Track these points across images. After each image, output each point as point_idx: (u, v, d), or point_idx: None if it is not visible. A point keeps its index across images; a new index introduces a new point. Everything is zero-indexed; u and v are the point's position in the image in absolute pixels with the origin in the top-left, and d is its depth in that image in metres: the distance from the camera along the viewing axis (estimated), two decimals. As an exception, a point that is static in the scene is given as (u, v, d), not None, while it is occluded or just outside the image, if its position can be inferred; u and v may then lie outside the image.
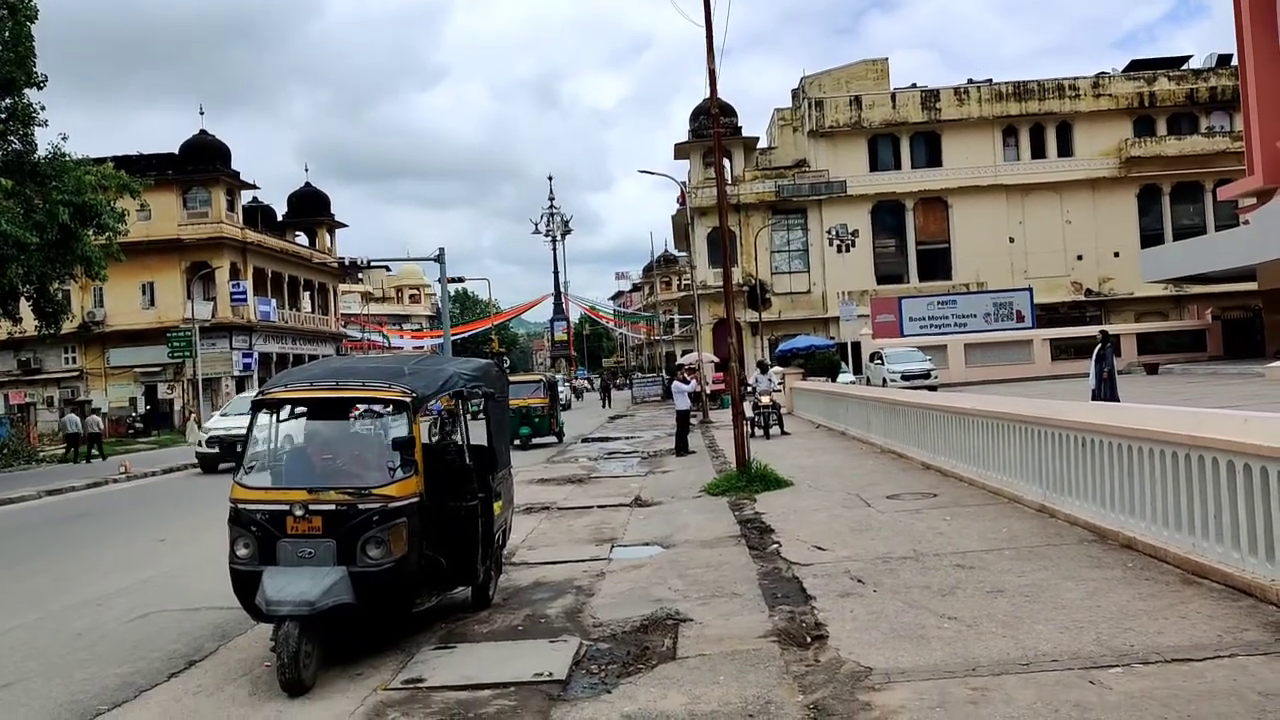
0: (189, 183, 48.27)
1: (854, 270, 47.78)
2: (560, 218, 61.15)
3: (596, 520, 11.39)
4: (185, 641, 6.90)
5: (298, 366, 8.09)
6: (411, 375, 6.62)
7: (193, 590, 8.35)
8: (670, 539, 9.75)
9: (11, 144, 28.05)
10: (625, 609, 7.00)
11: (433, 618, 6.89)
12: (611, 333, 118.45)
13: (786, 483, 12.57)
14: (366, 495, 5.89)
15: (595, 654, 6.05)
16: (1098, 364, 17.64)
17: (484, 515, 6.91)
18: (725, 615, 6.62)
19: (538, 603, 7.46)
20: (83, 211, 29.09)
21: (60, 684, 6.13)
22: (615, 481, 15.56)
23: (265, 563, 5.78)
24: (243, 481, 6.08)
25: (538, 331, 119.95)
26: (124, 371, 47.62)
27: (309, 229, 62.52)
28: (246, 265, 50.12)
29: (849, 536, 8.85)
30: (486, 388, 7.60)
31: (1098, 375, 17.47)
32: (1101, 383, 17.25)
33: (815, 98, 49.75)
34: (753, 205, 48.52)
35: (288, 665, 5.45)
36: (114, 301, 46.41)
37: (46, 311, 30.88)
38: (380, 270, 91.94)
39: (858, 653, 5.43)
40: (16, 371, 46.61)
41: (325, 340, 60.53)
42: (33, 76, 27.36)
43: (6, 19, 26.32)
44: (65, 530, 14.27)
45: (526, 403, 22.34)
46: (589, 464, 18.57)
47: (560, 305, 63.74)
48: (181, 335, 43.26)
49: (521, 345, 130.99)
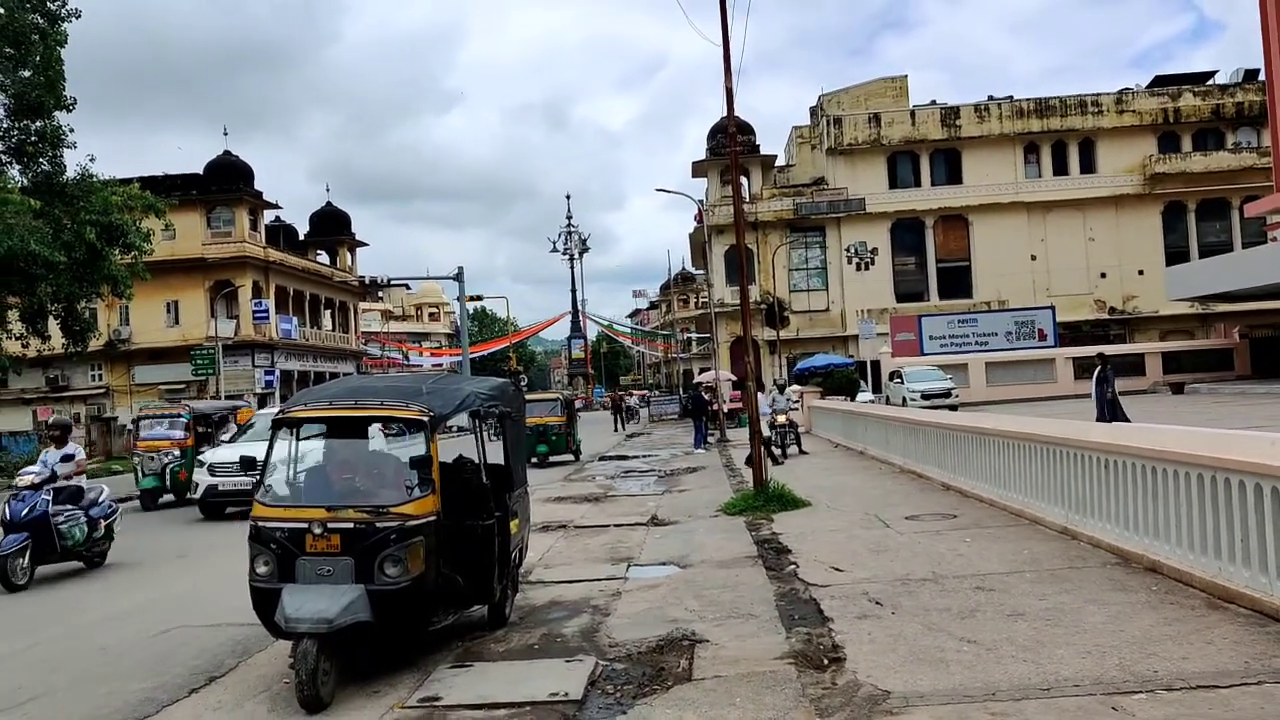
0: (213, 203, 48.86)
1: (873, 288, 47.71)
2: (578, 236, 61.45)
3: (613, 539, 11.36)
4: (206, 658, 6.94)
5: (317, 385, 8.15)
6: (429, 394, 6.65)
7: (213, 606, 8.40)
8: (687, 559, 9.71)
9: (41, 165, 28.51)
10: (641, 629, 6.97)
11: (449, 636, 6.89)
12: (628, 351, 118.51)
13: (804, 503, 12.50)
14: (384, 514, 5.92)
15: (611, 674, 6.02)
16: (1099, 387, 17.55)
17: (501, 534, 6.92)
18: (742, 636, 6.58)
19: (554, 622, 7.45)
20: (109, 231, 29.53)
21: (84, 698, 6.17)
22: (632, 500, 15.53)
23: (284, 580, 5.81)
24: (263, 499, 6.12)
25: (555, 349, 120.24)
26: (149, 389, 48.04)
27: (330, 248, 63.07)
28: (269, 284, 50.59)
29: (867, 558, 8.79)
30: (503, 406, 7.62)
31: (1100, 398, 17.36)
32: (1105, 404, 17.11)
33: (834, 115, 49.82)
34: (770, 223, 48.57)
35: (306, 682, 5.47)
36: (139, 320, 46.93)
37: (74, 330, 31.32)
38: (400, 289, 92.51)
39: (876, 676, 5.38)
40: (45, 389, 47.16)
41: (346, 358, 60.93)
42: (62, 100, 27.84)
43: (38, 44, 26.82)
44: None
45: (544, 421, 22.39)
46: (606, 482, 18.56)
47: (578, 323, 63.86)
48: (205, 353, 43.69)
49: (539, 363, 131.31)
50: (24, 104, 27.43)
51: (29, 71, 27.08)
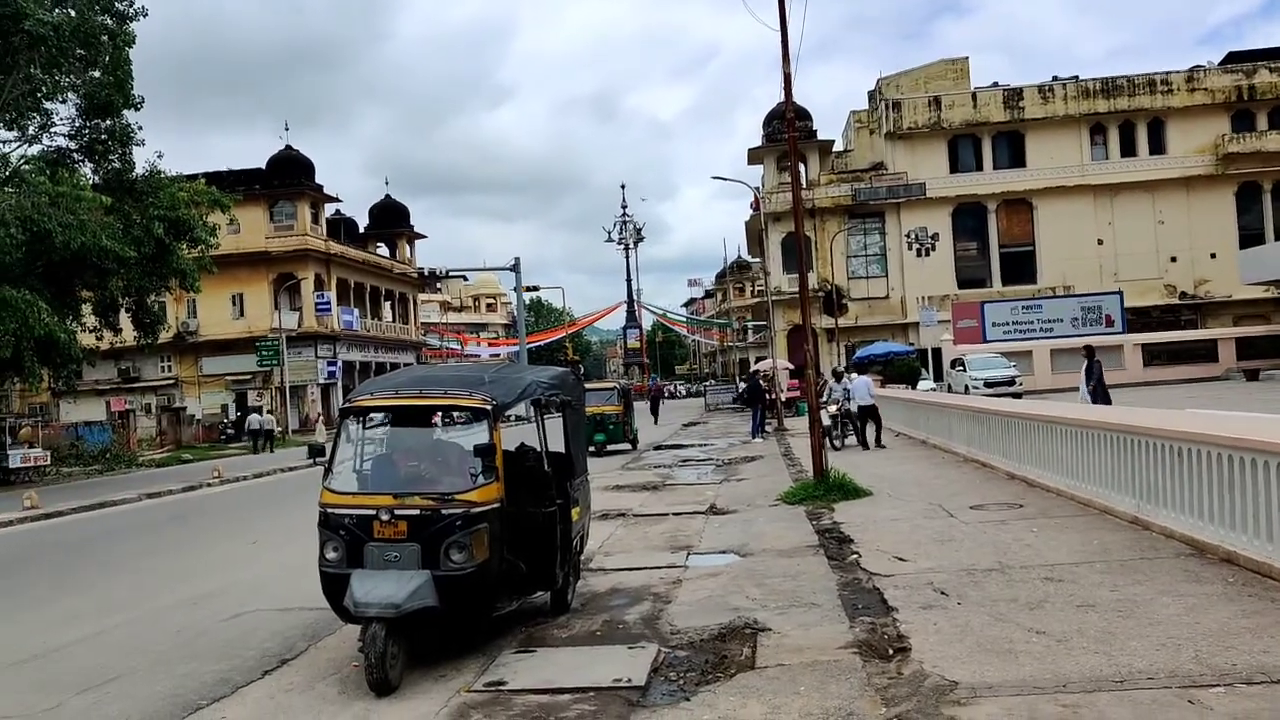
0: (275, 197, 49.85)
1: (934, 274, 46.97)
2: (632, 225, 61.38)
3: (672, 527, 11.38)
4: (278, 640, 7.12)
5: (382, 375, 8.29)
6: (491, 383, 6.72)
7: (283, 591, 8.60)
8: (747, 547, 9.69)
9: (111, 163, 29.34)
10: (703, 617, 6.98)
11: (513, 622, 6.97)
12: (684, 340, 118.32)
13: (865, 492, 12.39)
14: (449, 501, 6.00)
15: (674, 661, 6.04)
16: (1086, 377, 17.15)
17: (562, 521, 6.98)
18: (804, 625, 6.55)
19: (615, 609, 7.49)
20: (177, 226, 30.35)
21: (163, 678, 6.38)
22: (690, 489, 15.53)
23: (353, 565, 5.93)
24: (331, 486, 6.24)
25: (610, 339, 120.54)
26: (216, 379, 49.35)
27: (389, 240, 63.96)
28: (330, 276, 51.51)
29: (931, 547, 8.68)
30: (564, 395, 7.68)
31: (1088, 389, 16.93)
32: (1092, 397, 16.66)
33: (892, 99, 49.06)
34: (828, 209, 48.05)
35: (375, 665, 5.58)
36: (206, 312, 48.13)
37: (144, 322, 32.29)
38: (458, 280, 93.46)
39: (942, 666, 5.32)
40: (117, 380, 48.65)
41: (406, 349, 61.81)
42: (130, 99, 28.59)
43: (106, 45, 27.56)
44: (163, 532, 14.85)
45: (601, 410, 22.46)
46: (663, 471, 18.57)
47: (633, 312, 63.87)
48: (269, 344, 44.70)
49: (595, 353, 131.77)
50: (94, 103, 28.25)
51: (99, 72, 27.87)
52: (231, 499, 19.60)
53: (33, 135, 28.67)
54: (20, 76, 26.43)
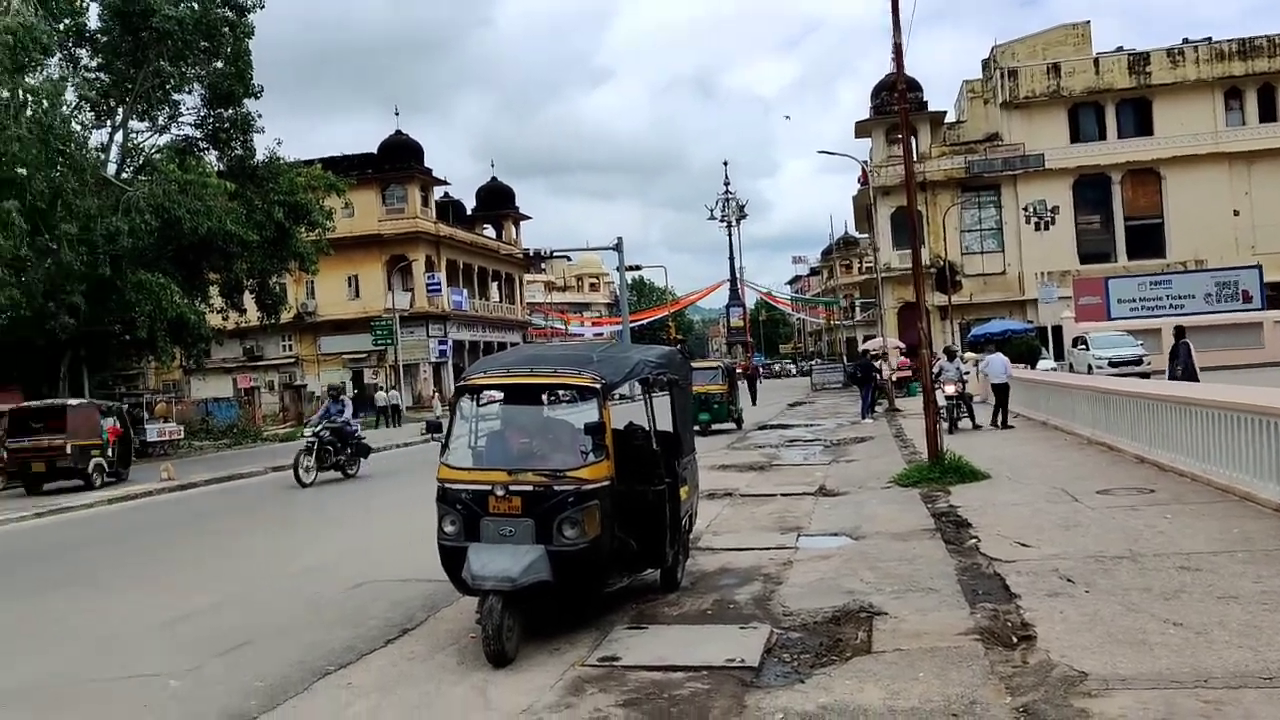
0: (387, 181, 51.27)
1: (1054, 249, 45.06)
2: (735, 203, 60.69)
3: (780, 508, 11.27)
4: (399, 611, 7.33)
5: (493, 354, 8.43)
6: (600, 362, 6.76)
7: (402, 562, 8.85)
8: (859, 530, 9.51)
9: (234, 150, 30.68)
10: (815, 599, 6.89)
11: (624, 598, 7.01)
12: (788, 318, 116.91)
13: (983, 475, 12.00)
14: (561, 477, 6.06)
15: (787, 643, 5.99)
16: (1172, 359, 16.06)
17: (671, 500, 6.98)
18: (922, 610, 6.40)
19: (725, 588, 7.46)
20: (296, 210, 31.58)
21: (293, 644, 6.65)
22: (797, 469, 15.35)
23: (470, 539, 6.05)
24: (448, 462, 6.37)
25: (713, 318, 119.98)
26: (334, 358, 51.22)
27: (495, 222, 65.08)
28: (440, 257, 52.74)
29: (1055, 533, 8.35)
30: (671, 374, 7.66)
31: (1171, 374, 15.85)
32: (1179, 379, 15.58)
33: (1008, 67, 47.12)
34: (940, 183, 46.54)
35: (492, 638, 5.69)
36: (324, 293, 49.94)
37: (267, 303, 33.77)
38: (561, 260, 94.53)
39: (1070, 656, 5.11)
40: (243, 358, 51.02)
41: (513, 328, 62.93)
42: (250, 88, 29.78)
43: (228, 36, 28.73)
44: (288, 503, 15.51)
45: (706, 389, 22.36)
46: (769, 451, 18.40)
47: (736, 291, 63.29)
48: (383, 324, 46.14)
49: (697, 332, 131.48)
50: (217, 93, 29.53)
51: (221, 63, 29.11)
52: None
53: (162, 125, 30.22)
54: (150, 70, 27.81)
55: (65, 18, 27.65)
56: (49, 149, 23.57)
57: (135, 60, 27.68)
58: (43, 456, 18.94)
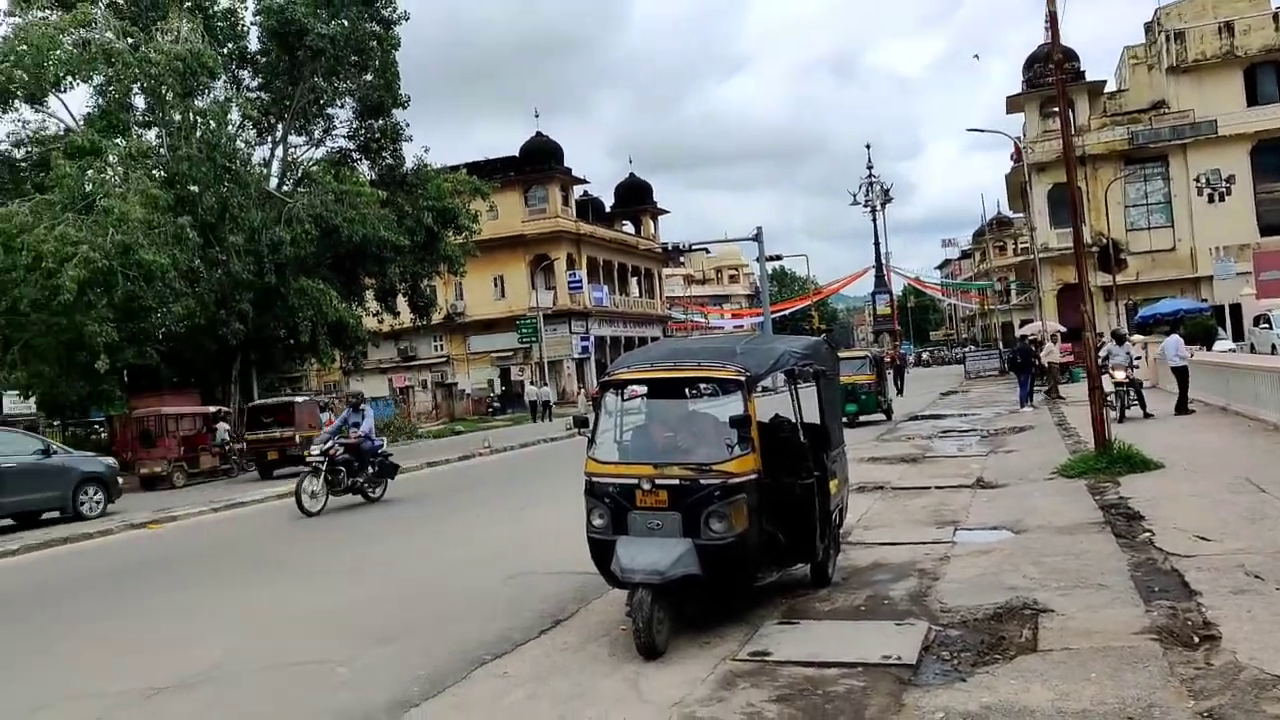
0: (529, 182, 52.53)
1: (1230, 222, 41.80)
2: (879, 186, 59.08)
3: (935, 501, 10.89)
4: (550, 602, 7.47)
5: (636, 349, 8.47)
6: (744, 354, 6.69)
7: (551, 555, 9.02)
8: (1020, 523, 9.09)
9: (384, 159, 32.07)
10: (975, 595, 6.63)
11: (773, 593, 6.92)
12: (938, 304, 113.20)
13: (1155, 464, 11.26)
14: (707, 471, 6.03)
15: (945, 640, 5.78)
16: None
17: (820, 493, 6.85)
18: (1091, 607, 6.06)
19: (878, 584, 7.27)
20: (443, 215, 32.78)
21: (450, 634, 6.86)
22: (952, 461, 14.79)
23: (618, 532, 6.10)
24: (595, 456, 6.44)
25: (858, 306, 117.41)
26: (482, 356, 52.91)
27: (634, 218, 65.65)
28: (581, 255, 53.67)
29: (1240, 526, 7.75)
30: (817, 365, 7.50)
31: None
32: None
33: (1174, 29, 43.97)
34: (1101, 156, 43.89)
35: (642, 630, 5.72)
36: (471, 294, 51.62)
37: (419, 305, 35.22)
38: (700, 253, 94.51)
39: (1260, 658, 4.73)
40: (397, 359, 53.30)
41: (653, 323, 63.38)
42: (399, 98, 31.05)
43: (376, 50, 30.03)
44: (443, 498, 16.08)
45: (852, 379, 21.85)
46: (922, 443, 17.81)
47: (882, 277, 61.62)
48: (528, 322, 47.36)
49: (841, 320, 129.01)
50: (367, 105, 30.93)
51: (370, 75, 30.46)
52: (501, 467, 20.94)
53: (318, 139, 31.88)
54: (305, 87, 29.39)
55: (229, 42, 29.57)
56: (216, 167, 25.27)
57: (292, 78, 29.32)
58: (275, 445, 22.48)
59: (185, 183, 24.99)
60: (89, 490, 16.51)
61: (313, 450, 14.60)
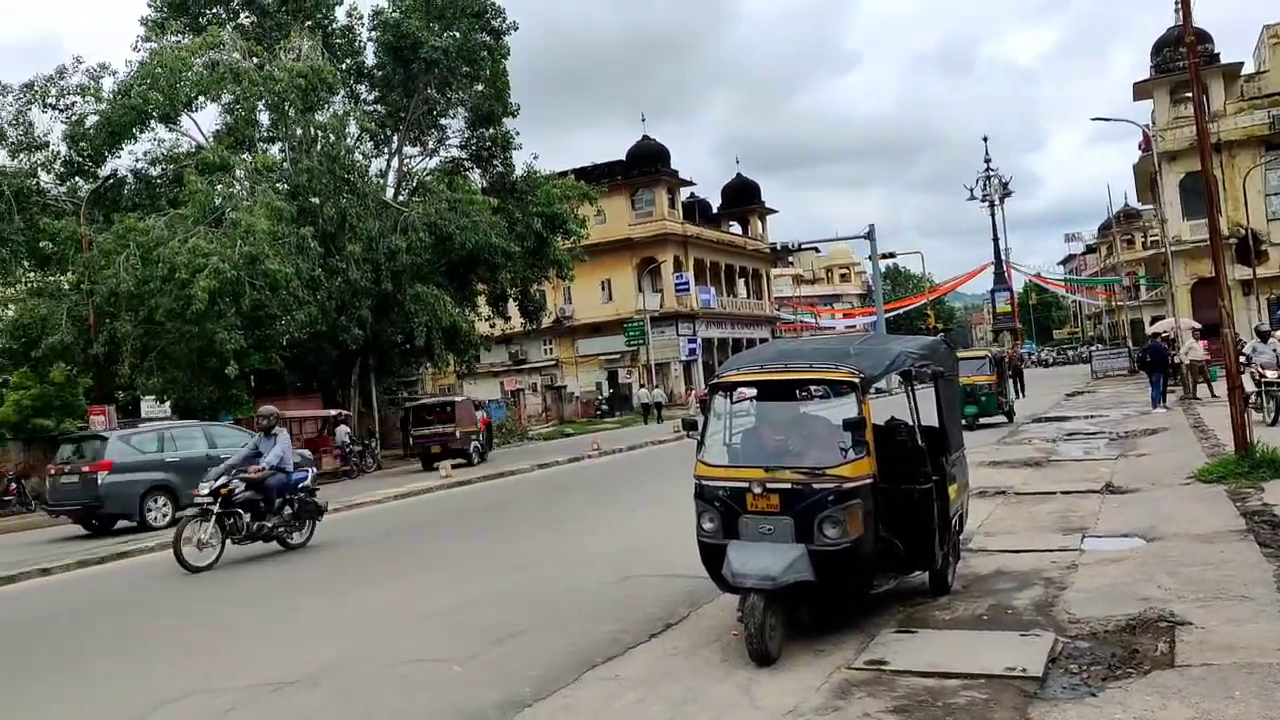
0: (635, 186, 52.88)
1: (1383, 209, 38.92)
2: (998, 180, 57.18)
3: (1061, 507, 10.42)
4: (661, 605, 7.44)
5: (746, 351, 8.37)
6: (858, 355, 6.53)
7: (662, 557, 9.00)
8: (1154, 531, 8.61)
9: (495, 167, 32.80)
10: (1105, 606, 6.31)
11: (890, 601, 6.74)
12: (1062, 301, 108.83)
13: (1304, 468, 10.52)
14: (820, 475, 5.90)
15: (1074, 652, 5.52)
16: None
17: (939, 498, 6.64)
18: (1234, 621, 5.69)
19: (1001, 592, 6.99)
20: (552, 221, 33.30)
21: (561, 634, 6.91)
22: (1079, 465, 14.15)
23: (729, 536, 6.02)
24: (704, 459, 6.38)
25: (976, 304, 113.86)
26: (590, 359, 53.49)
27: (741, 218, 65.33)
28: (687, 257, 53.68)
29: (1405, 535, 7.15)
30: (936, 366, 7.26)
31: None
32: None
33: (1318, 5, 41.18)
34: (1238, 142, 41.39)
35: (755, 636, 5.64)
36: (579, 298, 52.26)
37: (529, 310, 35.87)
38: (809, 252, 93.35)
39: None
40: (508, 362, 54.37)
41: (761, 324, 62.90)
42: (509, 107, 31.70)
43: (486, 60, 30.72)
44: (553, 499, 16.29)
45: (972, 380, 21.18)
46: (1045, 446, 17.10)
47: (1001, 274, 59.59)
48: (635, 325, 47.66)
49: (959, 319, 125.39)
50: (479, 115, 31.69)
51: (481, 85, 31.20)
52: (610, 469, 21.09)
53: (431, 149, 32.85)
54: (420, 99, 30.30)
55: (346, 58, 30.76)
56: (336, 178, 26.28)
57: (406, 90, 30.27)
58: (439, 440, 25.31)
59: (307, 195, 26.07)
60: None
61: (200, 489, 11.57)
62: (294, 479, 12.23)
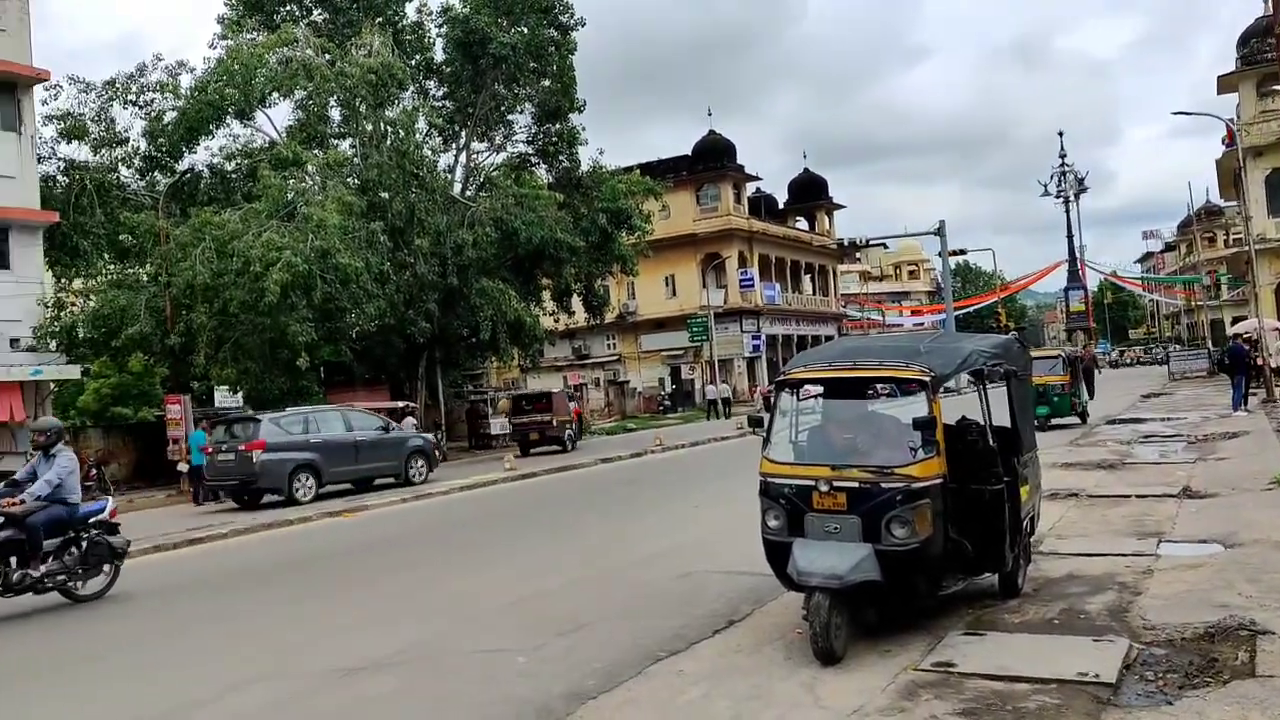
0: (701, 181, 52.71)
1: None
2: (1073, 175, 55.76)
3: (1136, 511, 10.16)
4: (724, 602, 7.45)
5: (814, 348, 8.31)
6: (928, 354, 6.44)
7: (726, 554, 8.99)
8: (1234, 536, 8.35)
9: (561, 163, 33.01)
10: (1182, 612, 6.15)
11: (958, 602, 6.65)
12: (1139, 300, 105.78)
13: (1396, 475, 10.10)
14: (889, 474, 5.85)
15: (1149, 659, 5.40)
16: None
17: (1010, 500, 6.52)
18: (1321, 632, 5.49)
19: (1073, 596, 6.85)
20: (617, 216, 33.38)
21: (626, 628, 6.97)
22: (1155, 469, 13.76)
23: (794, 534, 6.00)
24: (770, 456, 6.36)
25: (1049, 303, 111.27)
26: (653, 355, 53.53)
27: (808, 214, 64.73)
28: (752, 253, 53.37)
29: None
30: (1008, 364, 7.13)
31: None
32: None
33: None
34: (1328, 137, 39.80)
35: (819, 635, 5.61)
36: (643, 293, 52.30)
37: (592, 305, 36.04)
38: (877, 248, 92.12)
39: None
40: (571, 357, 54.69)
41: (827, 321, 62.28)
42: (575, 102, 31.86)
43: (553, 55, 30.92)
44: (617, 494, 16.38)
45: (1045, 380, 20.72)
46: (1120, 448, 16.66)
47: (1075, 272, 58.12)
48: (699, 321, 47.52)
49: (1031, 318, 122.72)
50: (545, 110, 31.92)
51: (548, 81, 31.41)
52: (673, 465, 21.10)
53: (499, 145, 33.16)
54: (487, 94, 30.63)
55: (416, 54, 31.20)
56: (405, 174, 26.69)
57: (475, 86, 30.62)
58: (537, 427, 27.44)
59: (376, 189, 26.54)
60: (416, 461, 19.81)
61: None
62: (81, 512, 9.48)
